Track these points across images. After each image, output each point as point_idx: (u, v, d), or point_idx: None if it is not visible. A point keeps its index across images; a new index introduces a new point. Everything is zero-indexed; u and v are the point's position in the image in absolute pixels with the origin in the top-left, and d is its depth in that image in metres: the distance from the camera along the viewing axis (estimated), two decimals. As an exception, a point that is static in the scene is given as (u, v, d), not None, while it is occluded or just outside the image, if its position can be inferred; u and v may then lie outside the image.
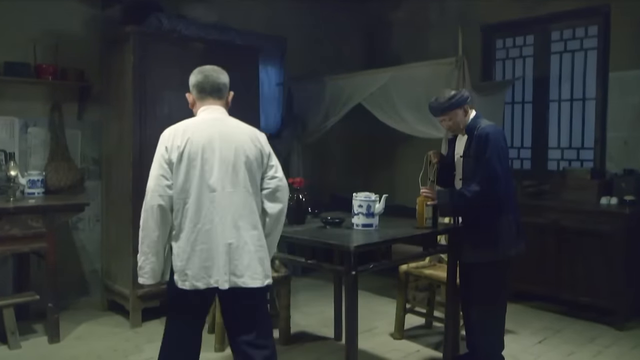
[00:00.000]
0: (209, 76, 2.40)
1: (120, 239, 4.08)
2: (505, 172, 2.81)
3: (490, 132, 2.80)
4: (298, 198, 3.10)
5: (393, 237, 2.72)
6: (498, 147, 2.79)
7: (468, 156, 2.91)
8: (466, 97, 2.92)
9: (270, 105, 5.51)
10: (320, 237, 2.70)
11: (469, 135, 2.91)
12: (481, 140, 2.80)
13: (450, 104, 2.88)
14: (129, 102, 3.94)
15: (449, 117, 2.90)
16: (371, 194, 2.97)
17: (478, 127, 2.86)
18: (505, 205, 2.87)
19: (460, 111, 2.90)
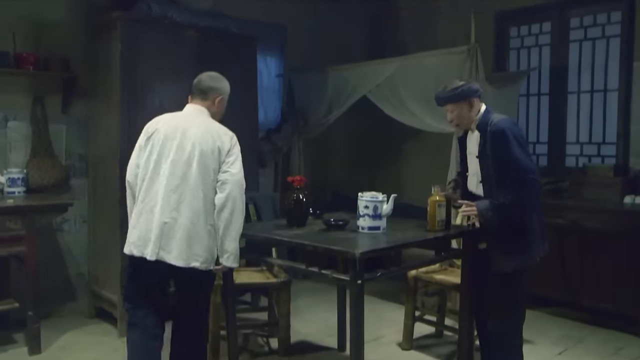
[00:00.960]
0: (200, 80, 2.76)
1: (108, 241, 3.91)
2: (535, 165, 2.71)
3: (504, 126, 2.66)
4: (298, 198, 2.92)
5: (403, 242, 2.53)
6: (518, 140, 2.66)
7: (485, 156, 2.74)
8: (474, 90, 2.77)
9: (269, 98, 5.39)
10: (323, 241, 2.51)
11: (482, 132, 2.76)
12: (497, 137, 2.66)
13: (455, 94, 2.75)
14: (116, 94, 3.76)
15: (452, 109, 2.78)
16: (378, 194, 2.78)
17: (490, 123, 2.71)
18: (531, 206, 2.72)
19: (465, 104, 2.76)
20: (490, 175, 2.73)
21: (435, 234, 2.75)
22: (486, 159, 2.73)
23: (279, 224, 3.02)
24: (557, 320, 4.17)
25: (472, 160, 2.87)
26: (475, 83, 2.86)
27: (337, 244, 2.44)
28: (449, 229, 2.84)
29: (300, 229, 2.87)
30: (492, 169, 2.71)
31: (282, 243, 2.65)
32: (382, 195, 2.79)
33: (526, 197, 2.66)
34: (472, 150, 2.85)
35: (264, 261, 2.81)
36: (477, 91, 2.78)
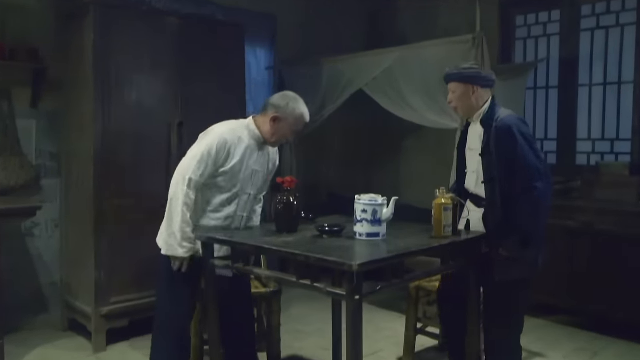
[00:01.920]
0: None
1: (82, 247, 3.70)
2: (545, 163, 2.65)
3: (511, 123, 2.58)
4: (288, 201, 2.69)
5: (405, 251, 2.31)
6: (526, 139, 2.58)
7: (489, 154, 2.62)
8: (483, 77, 2.68)
9: (258, 93, 5.23)
10: (315, 250, 2.29)
11: (486, 127, 2.65)
12: (503, 135, 2.57)
13: (461, 73, 2.67)
14: (89, 87, 3.55)
15: (454, 89, 2.70)
16: (377, 197, 2.57)
17: (497, 119, 2.61)
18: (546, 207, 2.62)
19: (469, 88, 2.66)
20: (493, 176, 2.62)
21: (441, 241, 2.53)
22: (490, 157, 2.61)
23: (268, 229, 2.81)
24: (569, 331, 4.01)
25: (472, 156, 2.76)
26: (490, 72, 2.75)
27: (332, 254, 2.22)
28: (457, 236, 2.62)
29: (291, 235, 2.64)
30: (495, 169, 2.60)
31: (270, 252, 2.42)
32: (382, 198, 2.57)
33: (540, 206, 2.57)
34: (473, 146, 2.75)
35: (250, 272, 2.58)
36: (486, 79, 2.69)
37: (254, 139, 2.73)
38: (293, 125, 2.72)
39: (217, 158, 2.62)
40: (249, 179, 2.76)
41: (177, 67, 3.79)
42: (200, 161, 2.60)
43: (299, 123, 2.72)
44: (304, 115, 2.72)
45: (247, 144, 2.70)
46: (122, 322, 3.64)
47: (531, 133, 2.68)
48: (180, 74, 3.81)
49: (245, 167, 2.71)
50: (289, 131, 2.73)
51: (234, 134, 2.67)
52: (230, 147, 2.64)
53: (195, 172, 2.60)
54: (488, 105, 2.69)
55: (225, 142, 2.63)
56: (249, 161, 2.73)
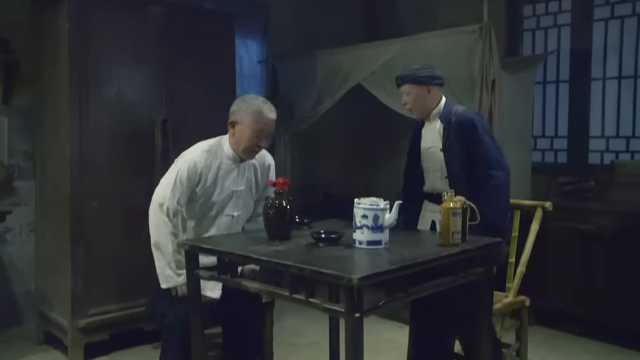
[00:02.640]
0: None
1: (58, 253, 3.51)
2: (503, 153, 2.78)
3: (473, 116, 2.73)
4: (280, 205, 2.48)
5: (412, 262, 2.10)
6: (486, 130, 2.75)
7: (450, 149, 2.73)
8: (436, 77, 2.77)
9: (250, 87, 5.13)
10: (310, 261, 2.09)
11: (445, 123, 2.75)
12: (465, 126, 2.69)
13: (414, 75, 2.75)
14: (64, 82, 3.35)
15: (408, 91, 2.78)
16: (379, 200, 2.37)
17: (455, 113, 2.74)
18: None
19: (424, 89, 2.75)
20: (456, 170, 2.72)
21: (451, 249, 2.32)
22: (451, 151, 2.72)
23: (258, 236, 2.60)
24: (585, 344, 3.82)
25: (432, 155, 2.82)
26: (440, 72, 2.80)
27: (329, 265, 2.02)
28: (467, 243, 2.42)
29: (283, 243, 2.44)
30: (458, 162, 2.71)
31: (259, 263, 2.22)
32: (384, 202, 2.36)
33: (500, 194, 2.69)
34: (431, 144, 2.82)
35: (238, 284, 2.37)
36: (439, 77, 2.78)
37: (228, 158, 2.67)
38: (253, 124, 2.57)
39: (189, 184, 2.59)
40: (228, 201, 2.71)
41: (161, 60, 3.63)
42: (174, 188, 2.58)
43: (258, 120, 2.58)
44: (261, 110, 2.58)
45: (221, 164, 2.65)
46: (101, 336, 3.45)
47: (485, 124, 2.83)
48: (165, 68, 3.65)
49: (220, 190, 2.66)
50: (250, 133, 2.58)
51: (206, 156, 2.62)
52: (202, 171, 2.59)
53: (171, 199, 2.58)
54: (443, 102, 2.79)
55: (195, 167, 2.59)
56: (225, 182, 2.67)
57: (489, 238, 2.56)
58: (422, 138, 2.89)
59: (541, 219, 3.17)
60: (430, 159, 2.84)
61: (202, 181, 2.61)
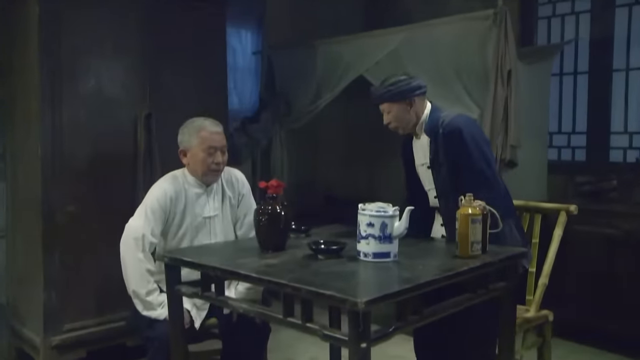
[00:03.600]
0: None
1: (30, 263, 3.24)
2: (494, 170, 2.51)
3: (461, 126, 2.42)
4: (273, 212, 2.22)
5: (426, 280, 1.82)
6: (478, 141, 2.44)
7: (438, 165, 2.48)
8: (415, 87, 2.49)
9: (244, 80, 5.03)
10: (308, 279, 1.81)
11: (432, 136, 2.50)
12: (453, 139, 2.42)
13: (389, 91, 2.49)
14: (35, 75, 3.08)
15: (388, 109, 2.53)
16: (387, 206, 2.10)
17: (442, 124, 2.46)
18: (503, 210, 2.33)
19: (403, 105, 2.50)
20: (446, 190, 2.47)
21: (470, 262, 2.04)
22: (439, 168, 2.48)
23: (249, 245, 2.35)
24: (608, 358, 3.57)
25: (424, 172, 2.60)
26: (419, 80, 2.54)
27: (329, 285, 1.74)
28: (487, 254, 2.14)
29: (277, 255, 2.17)
30: (447, 180, 2.45)
31: (249, 280, 1.94)
32: (393, 207, 2.09)
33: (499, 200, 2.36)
34: (422, 161, 2.60)
35: (224, 303, 2.09)
36: (419, 88, 2.51)
37: (194, 186, 2.62)
38: (200, 144, 2.54)
39: (161, 213, 2.53)
40: (202, 228, 2.63)
41: (144, 50, 3.38)
42: (146, 220, 2.51)
43: (203, 138, 2.55)
44: (203, 127, 2.58)
45: (188, 192, 2.60)
46: (78, 353, 3.18)
47: (483, 134, 2.58)
48: (148, 58, 3.40)
49: (192, 217, 2.59)
50: (202, 154, 2.55)
51: (175, 185, 2.59)
52: (172, 198, 2.55)
53: (146, 230, 2.50)
54: (427, 112, 2.54)
55: (165, 195, 2.54)
56: (195, 209, 2.60)
57: (512, 248, 2.30)
58: (414, 153, 2.66)
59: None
60: (425, 175, 2.62)
61: (173, 210, 2.56)
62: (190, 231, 2.59)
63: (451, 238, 2.35)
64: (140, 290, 2.47)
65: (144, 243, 2.48)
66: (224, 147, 2.62)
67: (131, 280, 2.50)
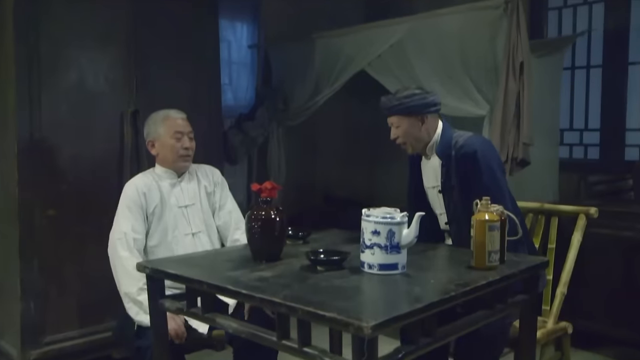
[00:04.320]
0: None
1: (7, 270, 3.06)
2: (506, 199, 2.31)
3: (476, 148, 2.29)
4: (267, 218, 2.01)
5: (443, 296, 1.60)
6: (492, 166, 2.29)
7: (450, 190, 2.35)
8: (428, 104, 2.35)
9: (239, 75, 4.94)
10: (305, 296, 1.60)
11: (444, 158, 2.37)
12: (466, 161, 2.29)
13: (402, 105, 2.35)
14: (10, 66, 2.90)
15: (397, 123, 2.40)
16: (394, 211, 1.89)
17: (455, 145, 2.34)
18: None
19: (414, 121, 2.37)
20: (458, 216, 2.34)
21: (488, 275, 1.82)
22: (451, 192, 2.35)
23: (240, 255, 2.12)
24: (628, 370, 3.37)
25: (434, 196, 2.47)
26: (435, 96, 2.41)
27: (330, 304, 1.52)
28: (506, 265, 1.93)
29: (271, 266, 1.96)
30: (460, 206, 2.31)
31: (238, 297, 1.72)
32: (401, 213, 1.87)
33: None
34: (432, 184, 2.47)
35: (212, 321, 1.87)
36: (434, 105, 2.37)
37: (165, 178, 2.61)
38: (168, 131, 2.56)
39: (137, 207, 2.49)
40: (181, 218, 2.57)
41: (131, 41, 3.24)
42: (125, 217, 2.47)
43: (170, 124, 2.57)
44: (167, 114, 2.60)
45: (160, 184, 2.58)
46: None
47: (499, 159, 2.44)
48: (136, 51, 3.26)
49: (169, 209, 2.56)
50: (170, 139, 2.55)
51: (144, 179, 2.57)
52: (144, 192, 2.52)
53: (126, 227, 2.45)
54: (439, 131, 2.40)
55: (136, 189, 2.51)
56: (171, 200, 2.57)
57: (533, 257, 2.09)
58: (422, 174, 2.52)
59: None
60: (435, 199, 2.47)
61: (149, 204, 2.52)
62: (171, 223, 2.54)
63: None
64: (131, 290, 2.34)
65: (127, 240, 2.41)
66: (191, 133, 2.61)
67: (121, 282, 2.39)
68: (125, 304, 2.36)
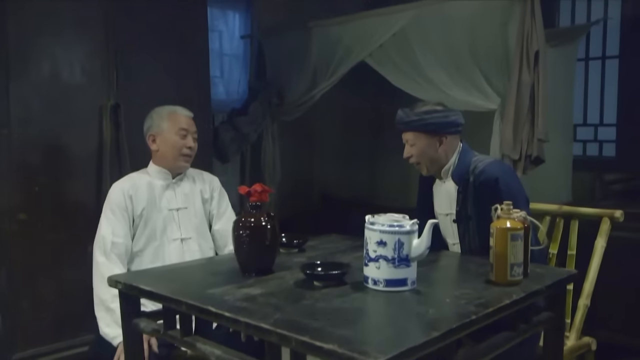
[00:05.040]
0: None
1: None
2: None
3: (497, 174, 2.13)
4: (257, 225, 1.79)
5: (462, 322, 1.37)
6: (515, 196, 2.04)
7: (467, 218, 2.20)
8: (450, 124, 2.20)
9: (231, 68, 4.82)
10: (300, 322, 1.38)
11: (460, 184, 2.22)
12: (486, 189, 2.12)
13: (419, 120, 2.20)
14: None
15: (412, 141, 2.25)
16: (402, 218, 1.68)
17: (473, 171, 2.19)
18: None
19: (432, 141, 2.21)
20: (474, 248, 2.19)
21: (512, 293, 1.60)
22: (467, 222, 2.21)
23: (227, 268, 1.90)
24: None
25: (446, 224, 2.31)
26: (457, 113, 2.26)
27: (329, 331, 1.30)
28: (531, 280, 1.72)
29: (261, 281, 1.74)
30: (477, 237, 2.17)
31: (219, 320, 1.49)
32: (410, 221, 1.65)
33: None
34: (444, 210, 2.31)
35: (191, 346, 1.64)
36: (455, 125, 2.22)
37: (159, 178, 2.47)
38: (172, 127, 2.44)
39: (121, 211, 2.36)
40: (170, 222, 2.44)
41: (110, 29, 3.09)
42: (107, 222, 2.34)
43: (175, 120, 2.45)
44: (174, 110, 2.49)
45: (152, 185, 2.45)
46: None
47: (522, 188, 2.24)
48: (116, 39, 3.11)
49: (158, 211, 2.42)
50: (173, 136, 2.43)
51: (132, 180, 2.45)
52: (131, 194, 2.39)
53: (105, 231, 2.32)
54: (457, 154, 2.25)
55: (122, 191, 2.38)
56: (161, 203, 2.43)
57: (559, 269, 1.88)
58: (434, 198, 2.37)
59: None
60: (446, 229, 2.31)
61: (135, 207, 2.39)
62: (160, 226, 2.41)
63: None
64: (105, 296, 2.19)
65: (105, 244, 2.28)
66: (195, 134, 2.50)
67: (96, 288, 2.27)
68: (98, 313, 2.21)
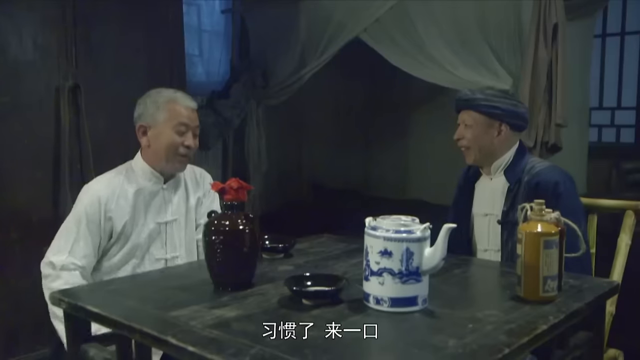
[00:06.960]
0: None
1: None
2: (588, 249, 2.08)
3: (559, 179, 2.07)
4: (233, 231, 1.57)
5: (494, 357, 1.13)
6: (576, 206, 2.04)
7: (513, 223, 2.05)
8: (515, 114, 2.17)
9: (212, 46, 4.80)
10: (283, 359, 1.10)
11: (512, 182, 2.16)
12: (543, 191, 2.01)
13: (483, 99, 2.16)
14: None
15: (470, 121, 2.20)
16: (411, 221, 1.42)
17: (530, 171, 2.13)
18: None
19: (491, 126, 2.17)
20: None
21: (547, 315, 1.36)
22: (513, 226, 2.07)
23: (197, 280, 1.65)
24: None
25: (484, 225, 2.26)
26: (524, 106, 2.25)
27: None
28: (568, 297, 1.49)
29: (237, 298, 1.49)
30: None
31: (183, 353, 1.23)
32: (421, 225, 1.41)
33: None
34: (487, 210, 2.25)
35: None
36: (521, 117, 2.19)
37: (146, 179, 2.19)
38: (170, 120, 2.13)
39: (94, 227, 2.09)
40: (156, 238, 2.18)
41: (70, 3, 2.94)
42: (67, 237, 2.07)
43: (174, 111, 2.14)
44: (174, 99, 2.18)
45: (137, 190, 2.17)
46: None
47: (580, 201, 2.18)
48: (76, 11, 2.98)
49: (142, 225, 2.16)
50: (169, 131, 2.14)
51: (112, 187, 2.15)
52: (110, 208, 2.11)
53: (61, 250, 2.05)
54: (513, 151, 2.20)
55: (98, 202, 2.10)
56: (148, 214, 2.17)
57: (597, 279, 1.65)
58: (474, 196, 2.30)
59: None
60: (482, 231, 2.24)
61: (115, 221, 2.11)
62: (142, 243, 2.16)
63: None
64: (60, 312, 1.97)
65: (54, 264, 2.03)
66: (197, 129, 2.21)
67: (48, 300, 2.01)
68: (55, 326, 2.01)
